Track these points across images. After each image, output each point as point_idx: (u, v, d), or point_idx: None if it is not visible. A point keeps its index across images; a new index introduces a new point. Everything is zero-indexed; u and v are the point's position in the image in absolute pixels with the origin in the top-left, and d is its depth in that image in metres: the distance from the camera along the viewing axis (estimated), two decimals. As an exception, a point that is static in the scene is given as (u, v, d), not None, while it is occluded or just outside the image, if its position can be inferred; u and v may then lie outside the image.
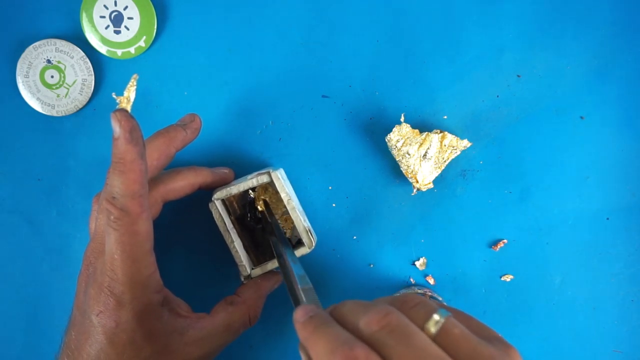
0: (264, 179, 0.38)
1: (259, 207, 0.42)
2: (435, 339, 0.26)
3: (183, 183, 0.39)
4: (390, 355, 0.25)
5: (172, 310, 0.36)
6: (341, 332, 0.26)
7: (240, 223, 0.42)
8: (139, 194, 0.32)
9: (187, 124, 0.39)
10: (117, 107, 0.30)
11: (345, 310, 0.28)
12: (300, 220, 0.39)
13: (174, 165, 0.40)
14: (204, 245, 0.44)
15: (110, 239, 0.32)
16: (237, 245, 0.39)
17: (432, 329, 0.26)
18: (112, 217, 0.32)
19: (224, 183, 0.41)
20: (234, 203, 0.42)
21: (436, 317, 0.26)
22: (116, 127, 0.30)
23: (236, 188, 0.38)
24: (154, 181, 0.38)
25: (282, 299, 0.44)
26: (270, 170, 0.38)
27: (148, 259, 0.34)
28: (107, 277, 0.33)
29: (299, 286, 0.33)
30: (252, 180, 0.38)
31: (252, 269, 0.39)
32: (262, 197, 0.42)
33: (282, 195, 0.38)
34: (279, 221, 0.42)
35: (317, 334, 0.27)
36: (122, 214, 0.32)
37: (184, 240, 0.44)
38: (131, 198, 0.31)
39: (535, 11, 0.43)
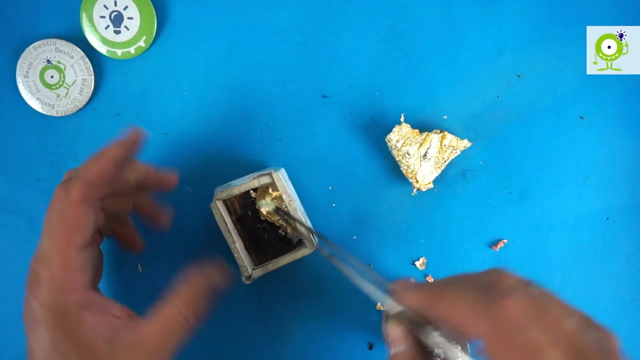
0: (265, 180, 0.38)
1: (269, 219, 0.42)
2: None
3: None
4: None
5: (99, 315, 0.33)
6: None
7: (241, 223, 0.42)
8: (92, 185, 0.32)
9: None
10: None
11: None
12: (302, 221, 0.38)
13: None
14: (204, 246, 0.44)
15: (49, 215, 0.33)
16: (238, 246, 0.39)
17: None
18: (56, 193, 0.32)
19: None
20: (235, 203, 0.42)
21: None
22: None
23: (237, 189, 0.38)
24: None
25: (282, 298, 0.44)
26: (272, 172, 0.38)
27: (72, 252, 0.32)
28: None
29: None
30: (254, 182, 0.38)
31: (254, 269, 0.39)
32: (266, 214, 0.42)
33: (284, 196, 0.38)
34: (280, 221, 0.42)
35: (449, 293, 0.28)
36: (63, 192, 0.32)
37: (184, 240, 0.44)
38: (81, 182, 0.32)
39: (534, 12, 0.43)
